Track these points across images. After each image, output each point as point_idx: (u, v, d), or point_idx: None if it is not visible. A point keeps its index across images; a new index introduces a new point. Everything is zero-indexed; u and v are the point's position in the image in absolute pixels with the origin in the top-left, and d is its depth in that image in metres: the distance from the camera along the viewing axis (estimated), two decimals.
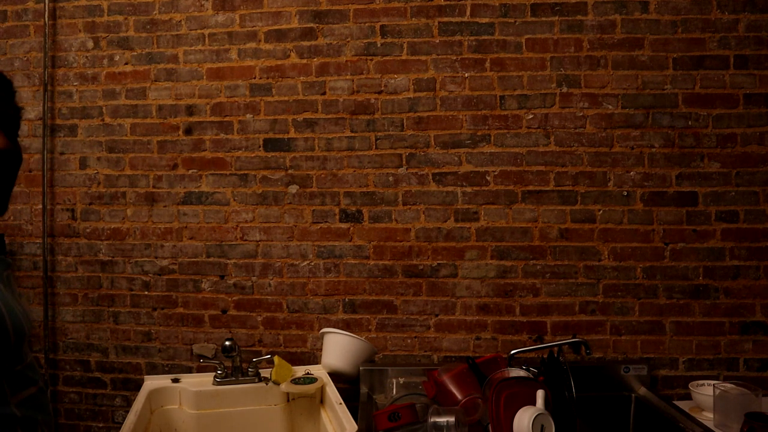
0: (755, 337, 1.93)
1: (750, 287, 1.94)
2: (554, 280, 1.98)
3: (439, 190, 2.01)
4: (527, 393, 1.45)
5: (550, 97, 1.98)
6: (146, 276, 2.10)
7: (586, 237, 1.97)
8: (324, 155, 2.04)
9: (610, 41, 1.96)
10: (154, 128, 2.09)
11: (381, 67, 2.02)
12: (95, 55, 2.10)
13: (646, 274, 1.96)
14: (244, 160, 2.07)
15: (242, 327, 2.08)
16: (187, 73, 2.08)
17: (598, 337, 1.97)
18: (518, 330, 2.00)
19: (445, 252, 2.01)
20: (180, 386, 1.78)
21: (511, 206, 1.99)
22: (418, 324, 2.02)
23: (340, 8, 2.02)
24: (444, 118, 2.00)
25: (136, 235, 2.10)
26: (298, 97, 2.04)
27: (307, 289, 2.06)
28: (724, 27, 1.93)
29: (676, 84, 1.95)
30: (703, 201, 1.95)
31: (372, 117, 2.02)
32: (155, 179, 2.09)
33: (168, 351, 2.10)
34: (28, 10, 2.11)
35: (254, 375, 1.81)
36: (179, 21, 2.08)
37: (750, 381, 1.76)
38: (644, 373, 1.90)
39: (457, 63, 2.00)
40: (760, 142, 1.93)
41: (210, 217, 2.08)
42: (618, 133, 1.96)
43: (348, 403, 1.64)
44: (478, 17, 1.99)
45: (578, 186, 1.97)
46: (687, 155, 1.95)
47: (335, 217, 2.04)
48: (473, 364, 1.64)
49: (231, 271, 2.08)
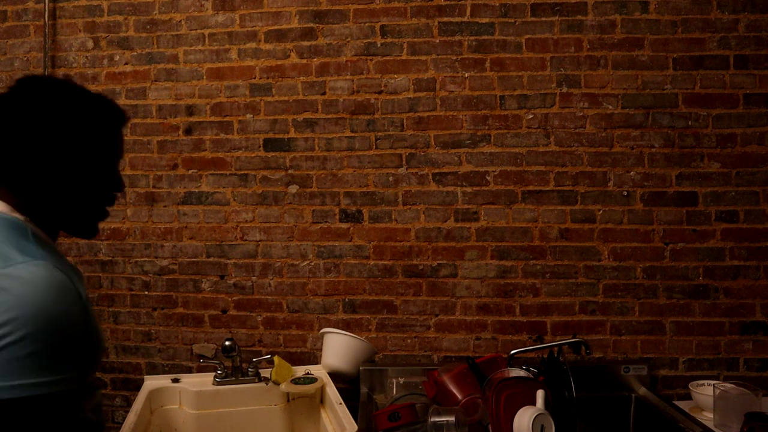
0: (755, 337, 1.93)
1: (750, 287, 1.94)
2: (554, 280, 1.98)
3: (439, 190, 2.01)
4: (527, 393, 1.44)
5: (550, 97, 1.98)
6: (146, 276, 2.10)
7: (586, 237, 1.97)
8: (324, 155, 2.04)
9: (610, 41, 1.96)
10: (154, 128, 2.09)
11: (381, 67, 2.02)
12: (95, 55, 2.10)
13: (646, 274, 1.96)
14: (244, 160, 2.07)
15: (242, 327, 2.08)
16: (187, 73, 2.08)
17: (598, 337, 1.97)
18: (518, 330, 2.00)
19: (445, 252, 2.01)
20: (180, 386, 1.78)
21: (511, 206, 1.99)
22: (418, 324, 2.02)
23: (340, 8, 2.02)
24: (444, 118, 2.00)
25: (136, 235, 2.10)
26: (298, 97, 2.04)
27: (307, 289, 2.06)
28: (724, 27, 1.93)
29: (676, 84, 1.95)
30: (703, 201, 1.95)
31: (372, 117, 2.02)
32: (155, 179, 2.09)
33: (168, 351, 2.10)
34: (28, 10, 2.11)
35: (254, 375, 1.81)
36: (179, 21, 2.08)
37: (750, 381, 1.76)
38: (644, 373, 1.90)
39: (457, 63, 2.00)
40: (760, 142, 1.93)
41: (210, 217, 2.08)
42: (618, 133, 1.96)
43: (348, 403, 1.64)
44: (478, 17, 1.99)
45: (578, 186, 1.97)
46: (687, 155, 1.95)
47: (335, 217, 2.04)
48: (473, 364, 1.64)
49: (231, 271, 2.08)
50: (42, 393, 0.75)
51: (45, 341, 0.76)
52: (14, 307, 0.74)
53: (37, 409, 0.75)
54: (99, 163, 0.95)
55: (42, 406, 0.75)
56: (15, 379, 0.73)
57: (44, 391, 0.75)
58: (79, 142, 0.92)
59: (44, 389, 0.75)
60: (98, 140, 0.95)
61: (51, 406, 0.76)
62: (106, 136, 0.96)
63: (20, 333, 0.74)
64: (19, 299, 0.75)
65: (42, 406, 0.75)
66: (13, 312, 0.74)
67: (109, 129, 0.97)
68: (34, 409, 0.75)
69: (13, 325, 0.74)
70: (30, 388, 0.74)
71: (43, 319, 0.75)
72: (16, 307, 0.74)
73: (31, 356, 0.74)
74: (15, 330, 0.73)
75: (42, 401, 0.75)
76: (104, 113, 0.96)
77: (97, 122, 0.95)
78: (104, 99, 0.97)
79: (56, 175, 0.90)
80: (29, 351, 0.74)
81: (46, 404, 0.76)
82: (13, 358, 0.73)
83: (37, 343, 0.75)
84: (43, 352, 0.75)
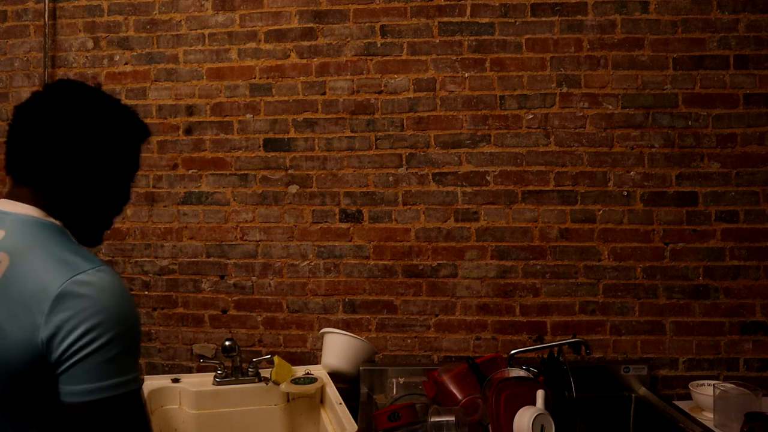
0: (755, 337, 1.93)
1: (750, 287, 1.94)
2: (554, 280, 1.98)
3: (439, 190, 2.01)
4: (527, 393, 1.44)
5: (550, 97, 1.98)
6: (146, 276, 2.10)
7: (586, 237, 1.97)
8: (324, 155, 2.04)
9: (610, 41, 1.96)
10: (154, 128, 2.08)
11: (381, 67, 2.02)
12: (95, 55, 2.10)
13: (646, 274, 1.96)
14: (244, 160, 2.07)
15: (242, 327, 2.08)
16: (187, 73, 2.08)
17: (598, 337, 1.97)
18: (518, 330, 2.00)
19: (445, 252, 2.01)
20: (180, 386, 1.78)
21: (511, 206, 1.99)
22: (418, 324, 2.02)
23: (340, 8, 2.02)
24: (444, 118, 2.00)
25: (136, 235, 2.10)
26: (298, 97, 2.04)
27: (307, 289, 2.06)
28: (724, 27, 1.93)
29: (676, 84, 1.95)
30: (703, 201, 1.94)
31: (372, 117, 2.02)
32: (155, 179, 2.09)
33: (168, 351, 2.10)
34: (28, 10, 2.11)
35: (254, 375, 1.81)
36: (179, 21, 2.08)
37: (750, 381, 1.76)
38: (644, 373, 1.90)
39: (457, 63, 2.00)
40: (760, 142, 1.93)
41: (210, 217, 2.08)
42: (618, 133, 1.96)
43: (348, 403, 1.64)
44: (478, 17, 1.99)
45: (578, 186, 1.97)
46: (687, 155, 1.95)
47: (335, 217, 2.04)
48: (473, 364, 1.64)
49: (231, 271, 2.08)
50: (134, 389, 0.83)
51: (128, 342, 0.83)
52: (97, 313, 0.80)
53: (132, 403, 0.83)
54: (121, 174, 0.99)
55: (135, 400, 0.84)
56: (110, 378, 0.80)
57: (133, 387, 0.83)
58: (109, 151, 0.95)
59: (133, 385, 0.83)
60: (124, 152, 0.98)
61: (139, 399, 0.85)
62: (131, 148, 1.00)
63: (108, 336, 0.80)
64: (99, 305, 0.80)
65: (135, 400, 0.84)
66: (97, 318, 0.79)
67: (134, 142, 1.01)
68: (130, 404, 0.82)
69: (99, 330, 0.79)
70: (123, 385, 0.81)
71: (123, 321, 0.82)
72: (98, 312, 0.80)
73: (119, 357, 0.81)
74: (102, 334, 0.79)
75: (134, 396, 0.83)
76: (133, 126, 1.00)
77: (126, 134, 0.98)
78: (133, 113, 1.00)
79: (84, 181, 0.93)
80: (117, 352, 0.81)
81: (136, 398, 0.84)
82: (105, 360, 0.80)
83: (122, 344, 0.81)
84: (127, 351, 0.83)
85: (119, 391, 0.80)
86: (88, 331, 0.78)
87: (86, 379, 0.79)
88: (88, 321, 0.79)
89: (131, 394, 0.82)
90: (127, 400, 0.82)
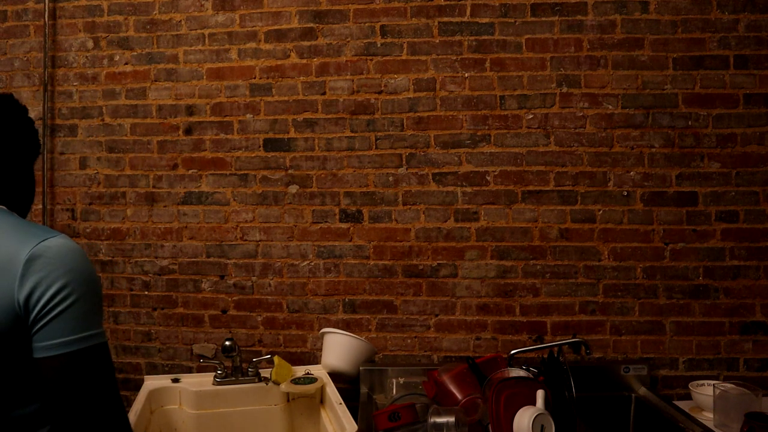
0: (755, 337, 1.93)
1: (750, 287, 1.94)
2: (554, 280, 1.98)
3: (439, 190, 2.01)
4: (527, 393, 1.45)
5: (550, 97, 1.98)
6: (146, 276, 2.10)
7: (586, 237, 1.97)
8: (324, 155, 2.04)
9: (610, 41, 1.96)
10: (154, 128, 2.09)
11: (381, 67, 2.02)
12: (95, 55, 2.10)
13: (646, 274, 1.96)
14: (244, 160, 2.07)
15: (242, 327, 2.08)
16: (187, 73, 2.08)
17: (598, 337, 1.97)
18: (518, 330, 2.00)
19: (445, 252, 2.01)
20: (180, 386, 1.78)
21: (511, 206, 1.99)
22: (418, 324, 2.02)
23: (340, 8, 2.02)
24: (444, 118, 2.00)
25: (136, 235, 2.10)
26: (298, 97, 2.05)
27: (307, 289, 2.06)
28: (724, 27, 1.93)
29: (676, 84, 1.95)
30: (703, 201, 1.95)
31: (372, 117, 2.02)
32: (155, 179, 2.09)
33: (168, 351, 2.10)
34: (28, 10, 2.11)
35: (254, 375, 1.81)
36: (179, 21, 2.08)
37: (750, 381, 1.76)
38: (644, 373, 1.90)
39: (457, 63, 2.00)
40: (760, 142, 1.93)
41: (210, 217, 2.08)
42: (618, 133, 1.96)
43: (348, 403, 1.64)
44: (478, 17, 1.99)
45: (578, 186, 1.97)
46: (687, 155, 1.95)
47: (335, 217, 2.04)
48: (473, 364, 1.64)
49: (231, 271, 2.08)
50: (103, 341, 0.92)
51: (95, 299, 0.93)
52: (66, 273, 0.89)
53: (102, 354, 0.92)
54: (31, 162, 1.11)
55: (104, 351, 0.92)
56: (83, 332, 0.89)
57: (103, 339, 0.92)
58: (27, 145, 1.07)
59: (102, 338, 0.92)
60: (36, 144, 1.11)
61: (107, 351, 0.93)
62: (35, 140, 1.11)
63: (78, 293, 0.89)
64: (66, 266, 0.90)
65: (104, 351, 0.92)
66: (67, 277, 0.89)
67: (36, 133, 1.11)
68: (100, 355, 0.91)
69: (70, 287, 0.89)
70: (94, 337, 0.90)
71: (89, 281, 0.92)
72: (67, 272, 0.89)
73: (90, 312, 0.91)
74: (73, 291, 0.89)
75: (103, 347, 0.92)
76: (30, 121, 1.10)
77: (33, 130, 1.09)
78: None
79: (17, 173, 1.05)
80: (87, 308, 0.90)
81: (105, 350, 0.92)
82: (78, 315, 0.89)
83: (90, 301, 0.91)
84: (95, 308, 0.93)
85: (90, 343, 0.90)
86: (61, 289, 0.88)
87: (61, 333, 0.87)
88: (59, 280, 0.88)
89: (101, 346, 0.91)
90: (97, 351, 0.90)
